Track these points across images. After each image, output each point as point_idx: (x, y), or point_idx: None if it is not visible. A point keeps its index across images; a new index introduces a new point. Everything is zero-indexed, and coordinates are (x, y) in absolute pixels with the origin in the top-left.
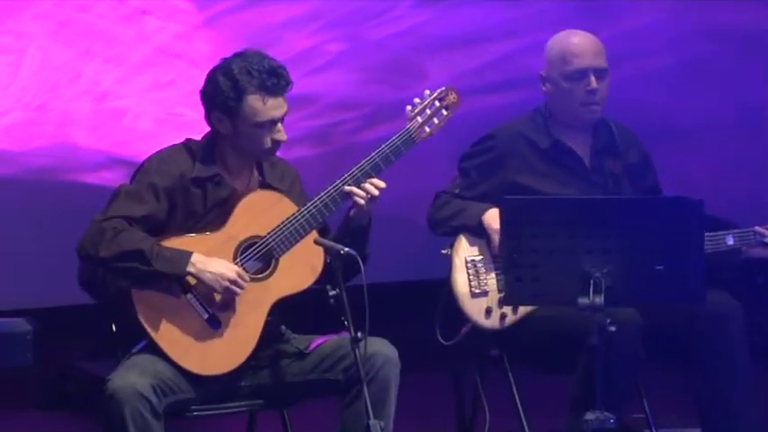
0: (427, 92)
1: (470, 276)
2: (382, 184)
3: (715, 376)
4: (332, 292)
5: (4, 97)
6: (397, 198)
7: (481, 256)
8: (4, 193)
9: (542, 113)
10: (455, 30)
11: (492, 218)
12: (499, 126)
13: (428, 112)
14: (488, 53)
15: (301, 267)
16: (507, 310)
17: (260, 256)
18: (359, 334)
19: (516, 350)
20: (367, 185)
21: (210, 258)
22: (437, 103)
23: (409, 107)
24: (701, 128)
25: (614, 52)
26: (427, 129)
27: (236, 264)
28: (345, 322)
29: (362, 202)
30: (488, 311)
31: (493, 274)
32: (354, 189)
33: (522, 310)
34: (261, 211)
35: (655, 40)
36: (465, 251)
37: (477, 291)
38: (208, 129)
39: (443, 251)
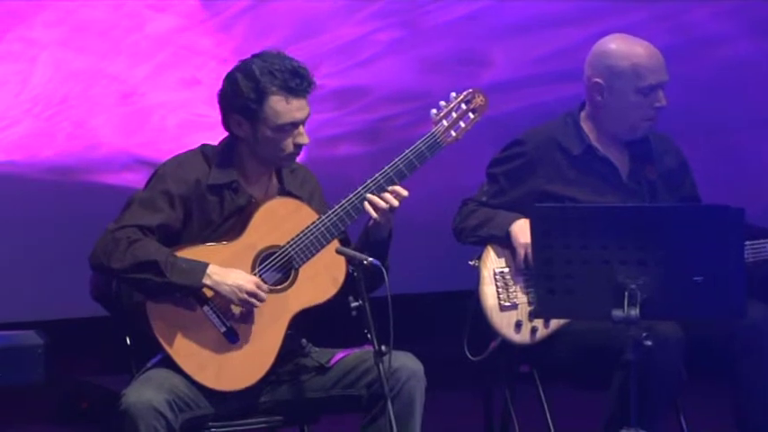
0: (453, 94)
1: (499, 289)
2: (404, 193)
3: (755, 393)
4: (354, 304)
5: (20, 103)
6: (424, 203)
7: (510, 268)
8: (14, 199)
9: (575, 118)
10: (522, 13)
11: (520, 229)
12: (529, 130)
13: (454, 115)
14: (559, 40)
15: (322, 278)
16: (538, 323)
17: (279, 266)
18: (383, 347)
19: (548, 365)
20: (386, 195)
21: (228, 269)
22: (463, 106)
23: (434, 110)
24: (738, 131)
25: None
26: (453, 133)
27: (254, 275)
28: (368, 335)
29: (375, 214)
30: (518, 325)
31: (523, 287)
32: (373, 198)
33: (554, 323)
34: (280, 220)
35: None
36: (493, 263)
37: (507, 304)
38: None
39: (471, 262)
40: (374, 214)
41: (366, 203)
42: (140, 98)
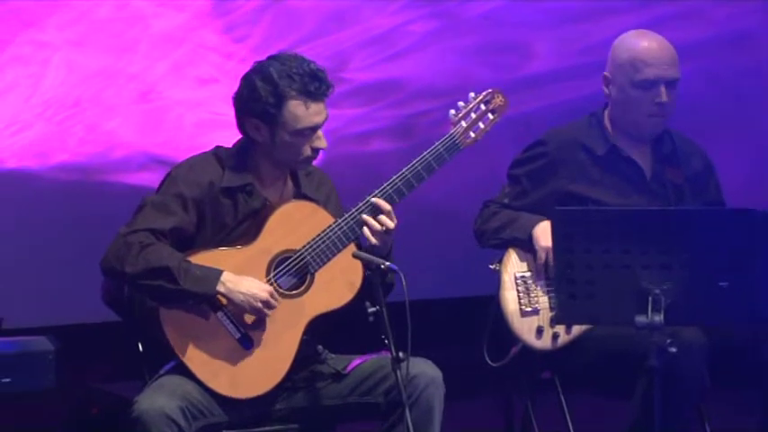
0: (472, 94)
1: (520, 294)
2: (390, 225)
3: None
4: (371, 309)
5: (32, 107)
6: (444, 205)
7: (531, 272)
8: (25, 203)
9: (599, 118)
10: (565, 1)
11: (542, 232)
12: (551, 130)
13: (473, 116)
14: (605, 30)
15: (339, 283)
16: (560, 329)
17: (295, 271)
18: (400, 354)
19: (569, 372)
20: (381, 217)
21: (242, 277)
22: (482, 107)
23: (453, 111)
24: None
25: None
26: (472, 134)
27: (269, 280)
28: (386, 341)
29: (374, 239)
30: (539, 331)
31: (544, 291)
32: (369, 220)
33: (576, 329)
34: (295, 223)
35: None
36: (514, 266)
37: (528, 309)
38: None
39: (492, 266)
40: (373, 239)
41: (365, 228)
42: (157, 97)
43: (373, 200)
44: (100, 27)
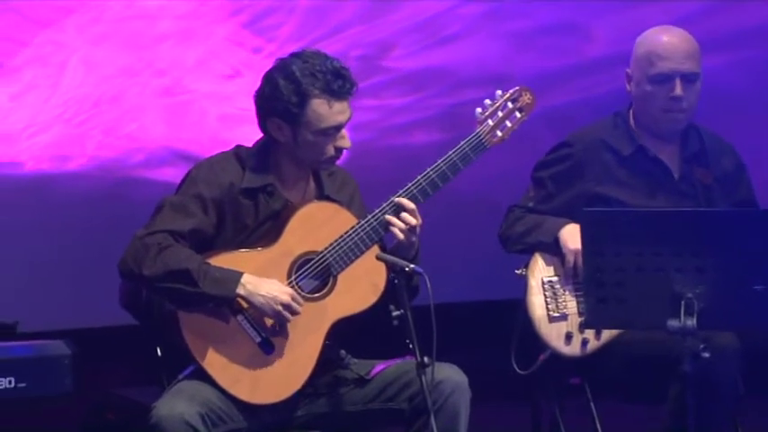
0: (499, 92)
1: (548, 299)
2: (413, 221)
3: None
4: (395, 313)
5: (51, 108)
6: (469, 206)
7: (558, 277)
8: (42, 206)
9: (624, 117)
10: None
11: (569, 235)
12: (576, 131)
13: (500, 114)
14: (665, 13)
15: (362, 285)
16: (589, 335)
17: (316, 273)
18: (425, 359)
19: (599, 378)
20: (404, 214)
21: (262, 279)
22: (510, 105)
23: (479, 109)
24: None
25: None
26: (499, 133)
27: (291, 282)
28: (410, 346)
29: (401, 235)
30: (568, 337)
31: (573, 296)
32: (393, 219)
33: (606, 334)
34: (317, 225)
35: None
36: (541, 271)
37: (556, 314)
38: None
39: (518, 271)
40: (400, 235)
41: (389, 225)
42: (179, 92)
43: (396, 199)
44: (120, 25)
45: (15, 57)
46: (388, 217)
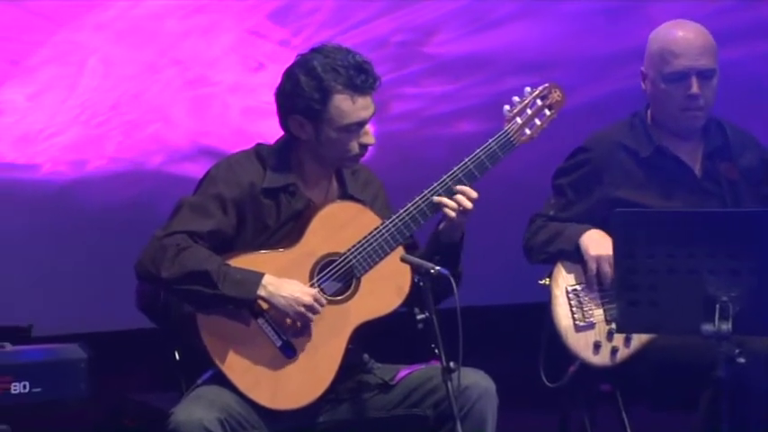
0: (527, 89)
1: (573, 308)
2: (474, 195)
3: None
4: (420, 316)
5: (69, 108)
6: (497, 205)
7: (582, 285)
8: (57, 208)
9: (642, 117)
10: None
11: (590, 241)
12: (593, 136)
13: (528, 112)
14: None
15: (386, 288)
16: (618, 342)
17: (339, 275)
18: (451, 364)
19: (631, 385)
20: (459, 196)
21: (283, 280)
22: (539, 102)
23: (507, 107)
24: None
25: None
26: (528, 131)
27: (313, 284)
28: (436, 350)
29: (453, 214)
30: (597, 346)
31: (598, 304)
32: (444, 200)
33: (636, 342)
34: (340, 225)
35: None
36: (565, 280)
37: (582, 323)
38: None
39: (541, 282)
40: (451, 213)
41: (442, 200)
42: (204, 85)
43: (435, 198)
44: (141, 22)
45: (32, 56)
46: (438, 198)
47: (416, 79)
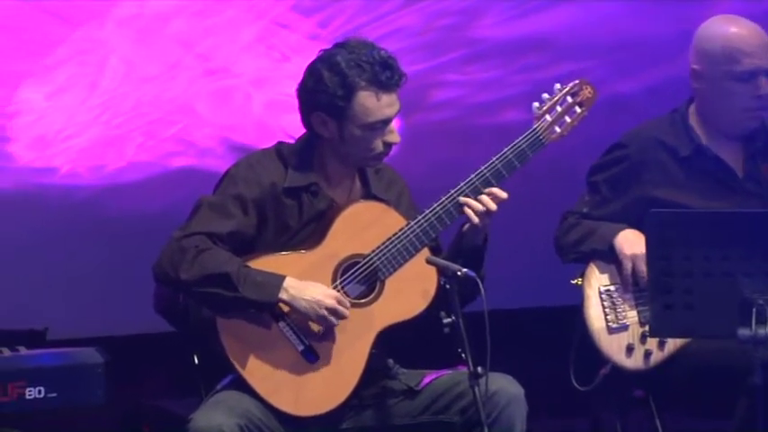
0: (557, 86)
1: (606, 309)
2: (503, 195)
3: None
4: (447, 320)
5: (89, 109)
6: (526, 206)
7: (616, 285)
8: (75, 209)
9: (683, 115)
10: None
11: (625, 240)
12: (631, 132)
13: (558, 109)
14: None
15: (411, 291)
16: (652, 346)
17: (363, 277)
18: (479, 369)
19: (664, 390)
20: (484, 197)
21: (306, 283)
22: (569, 99)
23: (536, 104)
24: None
25: None
26: (558, 129)
27: (336, 287)
28: (463, 355)
29: (476, 219)
30: (629, 349)
31: (632, 305)
32: (469, 201)
33: (671, 345)
34: (364, 226)
35: None
36: (598, 280)
37: (615, 326)
38: None
39: (573, 281)
40: (475, 219)
41: (465, 207)
42: (224, 80)
43: (461, 198)
44: (163, 19)
45: (51, 55)
46: (464, 198)
47: (457, 66)
